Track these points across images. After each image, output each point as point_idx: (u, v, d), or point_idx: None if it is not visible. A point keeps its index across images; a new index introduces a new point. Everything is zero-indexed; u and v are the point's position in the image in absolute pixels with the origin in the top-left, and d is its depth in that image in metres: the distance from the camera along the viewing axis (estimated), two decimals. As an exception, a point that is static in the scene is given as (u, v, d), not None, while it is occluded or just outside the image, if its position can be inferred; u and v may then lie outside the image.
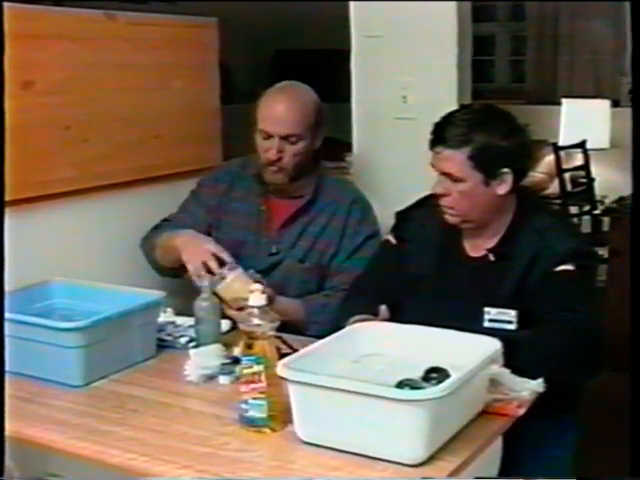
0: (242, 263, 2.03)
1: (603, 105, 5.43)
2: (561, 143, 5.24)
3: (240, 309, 1.86)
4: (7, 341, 1.25)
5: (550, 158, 5.12)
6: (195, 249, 2.04)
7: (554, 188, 5.12)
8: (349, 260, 2.14)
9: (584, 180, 5.19)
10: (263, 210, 2.19)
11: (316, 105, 2.15)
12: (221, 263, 2.00)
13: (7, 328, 1.25)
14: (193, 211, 2.26)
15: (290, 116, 2.08)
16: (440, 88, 2.50)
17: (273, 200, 2.20)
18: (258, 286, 1.50)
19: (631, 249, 1.22)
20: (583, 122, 5.33)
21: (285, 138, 2.08)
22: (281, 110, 2.09)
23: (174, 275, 2.17)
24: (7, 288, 1.26)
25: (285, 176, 2.13)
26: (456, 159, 1.72)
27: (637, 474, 1.16)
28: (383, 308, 1.76)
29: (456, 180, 1.74)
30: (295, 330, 1.93)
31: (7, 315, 1.28)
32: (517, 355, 1.53)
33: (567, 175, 5.09)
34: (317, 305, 2.09)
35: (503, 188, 1.74)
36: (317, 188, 2.18)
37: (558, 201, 4.97)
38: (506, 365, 1.50)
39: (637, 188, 1.20)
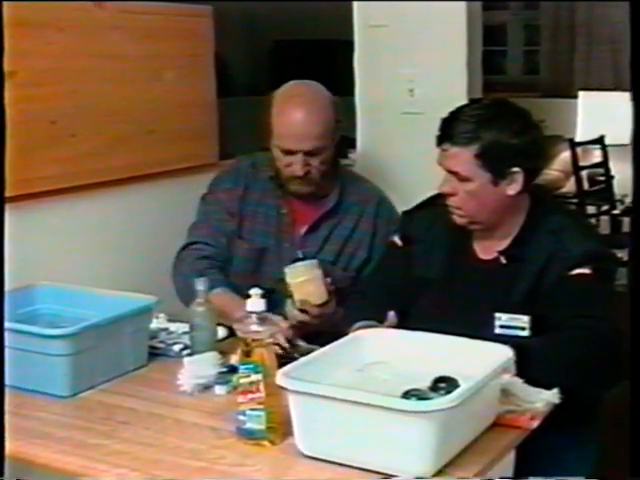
0: (264, 270, 2.03)
1: (623, 98, 5.43)
2: (578, 139, 5.25)
3: (302, 311, 1.93)
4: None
5: (566, 155, 5.13)
6: (232, 319, 1.93)
7: (570, 187, 5.13)
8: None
9: (602, 178, 5.20)
10: (284, 213, 2.17)
11: (334, 105, 2.11)
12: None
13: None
14: (219, 224, 2.19)
15: (313, 130, 2.04)
16: (449, 81, 2.51)
17: (295, 203, 2.17)
18: (257, 290, 1.50)
19: (632, 249, 1.23)
20: (601, 116, 5.34)
21: (309, 152, 2.05)
22: (301, 123, 2.03)
23: None
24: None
25: (313, 186, 2.11)
26: (463, 157, 1.72)
27: (637, 474, 1.17)
28: (391, 314, 1.77)
29: (463, 179, 1.74)
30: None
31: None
32: (530, 364, 1.53)
33: (584, 173, 5.10)
34: None
35: (513, 188, 1.75)
36: (342, 188, 2.18)
37: (574, 200, 4.98)
38: (519, 374, 1.50)
39: (637, 188, 1.21)
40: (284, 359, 1.60)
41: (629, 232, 1.24)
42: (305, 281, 1.96)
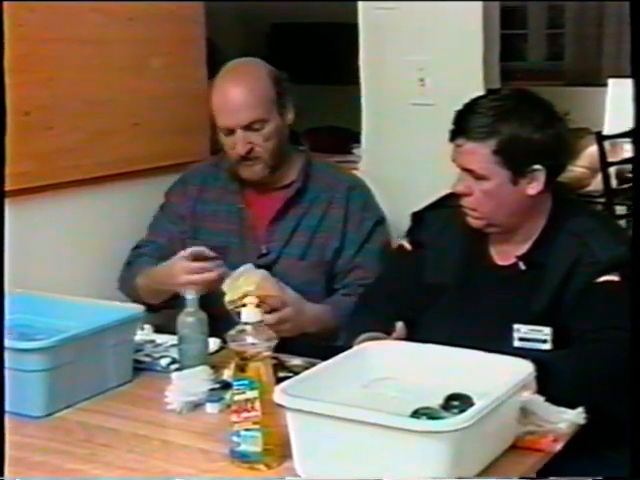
0: (226, 271, 2.04)
1: (656, 87, 5.44)
2: (606, 132, 5.25)
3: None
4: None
5: (593, 149, 5.13)
6: (174, 277, 2.05)
7: (597, 185, 5.13)
8: (360, 253, 2.17)
9: (632, 175, 5.19)
10: (242, 208, 2.23)
11: (272, 77, 2.19)
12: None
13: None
14: (164, 229, 2.29)
15: (245, 101, 2.12)
16: (463, 69, 2.52)
17: (253, 195, 2.24)
18: (252, 299, 1.52)
19: (632, 250, 1.24)
20: (632, 107, 5.34)
21: (248, 127, 2.12)
22: (234, 97, 2.13)
23: (171, 307, 2.14)
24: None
25: (264, 167, 2.17)
26: (479, 154, 1.74)
27: (638, 475, 1.18)
28: (400, 325, 1.78)
29: (479, 178, 1.75)
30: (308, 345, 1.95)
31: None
32: (553, 380, 1.54)
33: (612, 169, 5.10)
34: (346, 307, 2.08)
35: (534, 187, 1.76)
36: (305, 174, 2.22)
37: (601, 200, 4.98)
38: (540, 392, 1.51)
39: (637, 189, 1.23)
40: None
41: (632, 234, 1.26)
42: (233, 279, 1.94)
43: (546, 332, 1.71)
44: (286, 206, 2.20)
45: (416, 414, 1.40)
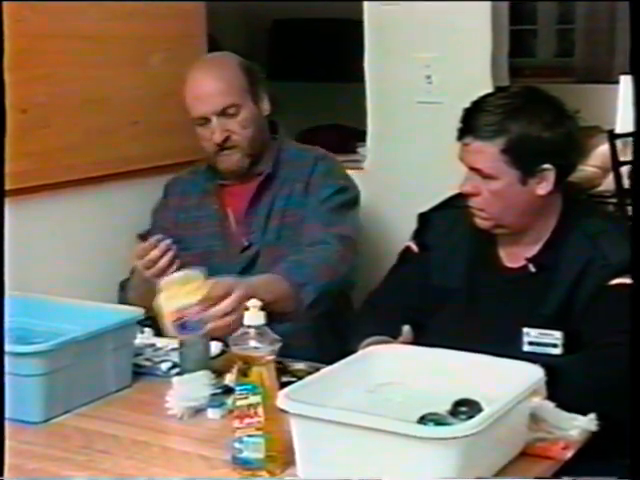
0: (215, 273, 2.03)
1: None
2: (618, 130, 5.24)
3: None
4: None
5: (604, 148, 5.13)
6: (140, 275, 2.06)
7: (609, 184, 5.13)
8: (317, 211, 2.17)
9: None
10: (218, 209, 2.26)
11: (242, 67, 2.23)
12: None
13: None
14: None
15: (216, 87, 2.17)
16: (471, 66, 2.52)
17: (230, 192, 2.27)
18: (255, 302, 1.52)
19: (632, 250, 1.24)
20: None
21: (222, 114, 2.16)
22: (205, 85, 2.18)
23: None
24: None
25: (242, 156, 2.20)
26: (487, 153, 1.74)
27: (638, 476, 1.18)
28: (407, 329, 1.78)
29: (487, 177, 1.76)
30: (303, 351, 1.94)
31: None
32: (564, 385, 1.54)
33: (625, 169, 5.10)
34: (293, 267, 2.04)
35: (544, 187, 1.76)
36: (276, 160, 2.25)
37: (613, 200, 4.98)
38: (550, 398, 1.51)
39: (637, 189, 1.23)
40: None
41: (631, 233, 1.26)
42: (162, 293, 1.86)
43: (557, 336, 1.72)
44: (258, 194, 2.23)
45: (423, 420, 1.40)
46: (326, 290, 2.06)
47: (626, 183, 5.09)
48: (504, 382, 1.45)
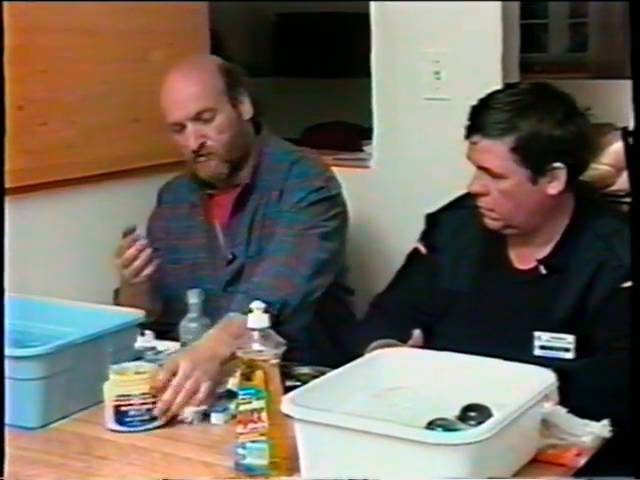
0: (202, 285, 2.02)
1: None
2: (632, 127, 5.24)
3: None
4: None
5: (618, 146, 5.09)
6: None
7: (622, 183, 5.11)
8: (285, 216, 2.14)
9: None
10: (203, 219, 2.25)
11: (220, 68, 2.21)
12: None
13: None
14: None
15: (190, 91, 2.14)
16: (480, 61, 2.52)
17: (215, 201, 2.25)
18: (259, 304, 1.52)
19: (632, 250, 1.25)
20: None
21: (197, 119, 2.13)
22: (178, 90, 2.14)
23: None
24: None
25: (219, 163, 2.16)
26: (496, 151, 1.74)
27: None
28: (417, 333, 1.78)
29: (496, 176, 1.76)
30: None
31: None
32: (576, 390, 1.55)
33: (639, 168, 5.10)
34: (245, 298, 1.86)
35: (555, 187, 1.77)
36: (256, 168, 2.21)
37: (627, 199, 4.97)
38: (562, 403, 1.51)
39: (637, 189, 1.24)
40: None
41: (631, 233, 1.27)
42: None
43: (569, 340, 1.72)
44: (237, 205, 2.21)
45: (431, 425, 1.41)
46: (288, 304, 1.96)
47: (640, 182, 5.09)
48: (515, 387, 1.46)
